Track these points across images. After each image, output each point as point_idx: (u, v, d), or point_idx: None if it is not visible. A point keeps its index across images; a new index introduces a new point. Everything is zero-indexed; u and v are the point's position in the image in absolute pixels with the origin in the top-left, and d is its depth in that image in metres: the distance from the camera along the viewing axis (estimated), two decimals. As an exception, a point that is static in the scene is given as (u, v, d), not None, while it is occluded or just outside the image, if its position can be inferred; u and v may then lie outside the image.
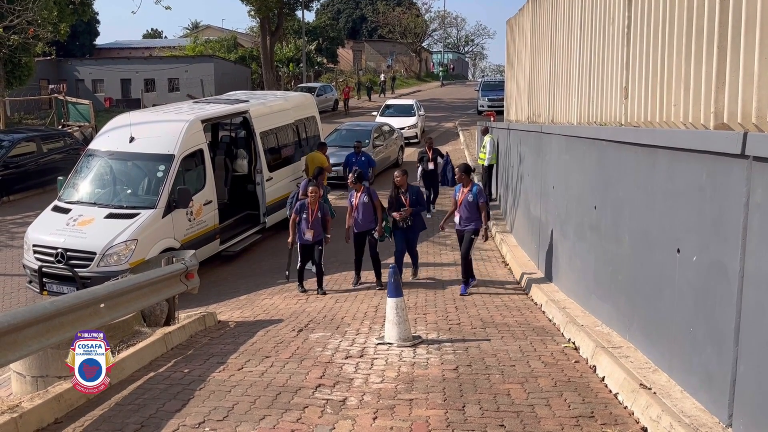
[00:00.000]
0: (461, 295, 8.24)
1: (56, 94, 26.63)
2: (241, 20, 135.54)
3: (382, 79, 48.59)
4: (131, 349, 5.91)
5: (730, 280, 3.72)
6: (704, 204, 4.08)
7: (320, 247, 9.12)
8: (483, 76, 68.66)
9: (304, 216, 9.07)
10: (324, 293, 8.90)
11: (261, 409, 4.66)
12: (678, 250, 4.41)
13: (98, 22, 49.90)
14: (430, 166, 14.16)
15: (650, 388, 4.41)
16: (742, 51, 3.71)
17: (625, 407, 4.48)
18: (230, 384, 5.21)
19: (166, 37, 67.90)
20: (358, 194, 9.16)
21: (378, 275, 9.17)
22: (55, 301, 5.05)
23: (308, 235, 9.07)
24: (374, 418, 4.46)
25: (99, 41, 51.88)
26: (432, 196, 14.33)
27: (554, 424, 4.28)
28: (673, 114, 4.68)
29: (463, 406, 4.62)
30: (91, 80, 42.33)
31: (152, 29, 72.27)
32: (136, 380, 5.38)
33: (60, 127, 23.13)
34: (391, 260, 9.20)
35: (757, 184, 3.47)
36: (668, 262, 4.56)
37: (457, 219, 8.61)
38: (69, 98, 25.33)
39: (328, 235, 9.30)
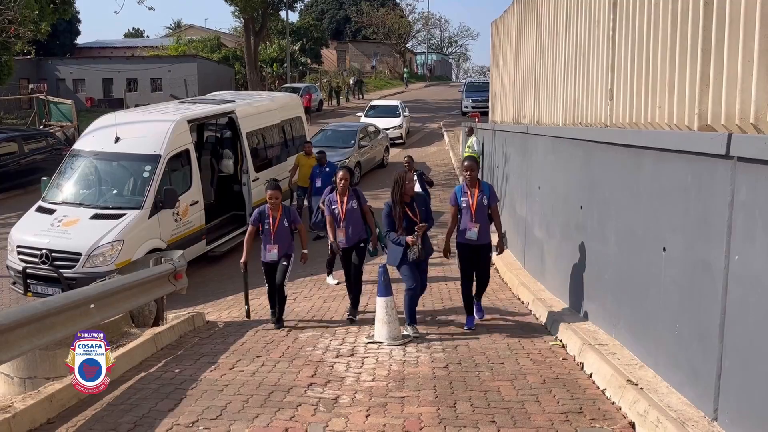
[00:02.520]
0: (482, 320, 6.93)
1: (37, 94, 26.29)
2: (225, 20, 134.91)
3: (352, 82, 47.27)
4: (121, 350, 5.90)
5: (714, 277, 3.82)
6: (689, 203, 4.17)
7: (285, 263, 7.17)
8: (467, 77, 68.85)
9: (266, 227, 7.10)
10: (282, 327, 7.04)
11: (254, 407, 4.68)
12: (664, 249, 4.51)
13: (79, 21, 49.31)
14: None
15: (637, 384, 4.50)
16: (726, 54, 3.80)
17: (613, 402, 4.57)
18: (222, 383, 5.23)
19: (148, 36, 67.24)
20: (345, 199, 7.27)
21: (355, 304, 7.35)
22: (46, 302, 5.04)
23: (273, 252, 7.11)
24: (367, 416, 4.51)
25: (80, 40, 51.29)
26: None
27: (544, 420, 4.36)
28: (658, 115, 4.77)
29: (455, 403, 4.68)
30: (72, 80, 41.81)
31: (134, 29, 71.36)
32: (128, 380, 5.38)
33: (41, 127, 22.86)
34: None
35: (742, 184, 3.56)
36: (654, 260, 4.65)
37: (473, 231, 6.59)
38: (50, 98, 25.03)
39: (305, 251, 7.28)
